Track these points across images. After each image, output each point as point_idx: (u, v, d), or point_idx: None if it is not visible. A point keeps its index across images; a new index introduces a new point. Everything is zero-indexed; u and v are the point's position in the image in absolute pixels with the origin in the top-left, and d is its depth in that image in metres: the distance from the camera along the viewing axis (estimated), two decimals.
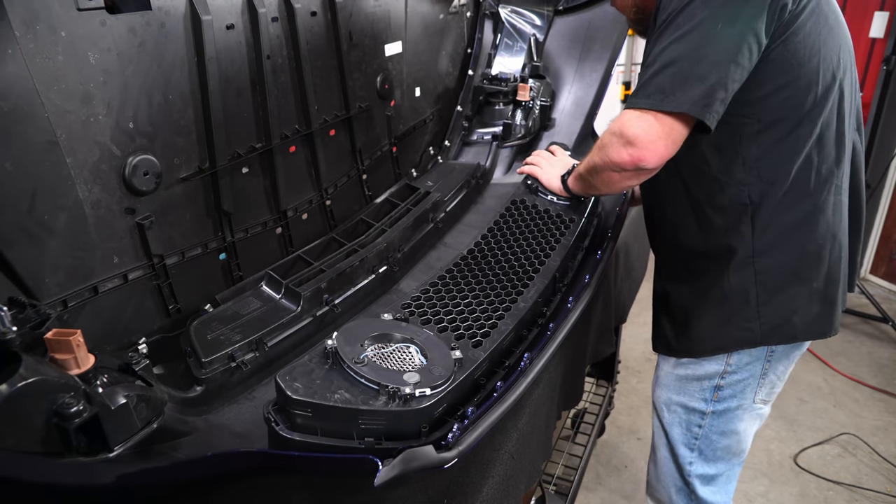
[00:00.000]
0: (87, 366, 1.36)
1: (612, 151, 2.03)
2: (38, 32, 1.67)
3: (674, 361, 2.51)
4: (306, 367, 1.60)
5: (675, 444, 2.59)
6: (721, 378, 2.38)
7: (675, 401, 2.55)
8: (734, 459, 2.58)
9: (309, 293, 2.20)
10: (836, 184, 2.17)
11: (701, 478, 2.58)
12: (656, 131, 1.92)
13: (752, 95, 2.01)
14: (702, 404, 2.46)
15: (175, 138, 2.11)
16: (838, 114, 2.13)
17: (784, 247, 2.17)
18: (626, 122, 1.97)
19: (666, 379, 2.57)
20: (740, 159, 2.11)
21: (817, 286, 2.21)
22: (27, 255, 1.74)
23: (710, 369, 2.39)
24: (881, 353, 5.35)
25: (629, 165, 1.99)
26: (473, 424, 1.51)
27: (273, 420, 1.51)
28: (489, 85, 3.60)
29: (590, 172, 2.30)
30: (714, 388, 2.41)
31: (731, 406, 2.43)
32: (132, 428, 1.40)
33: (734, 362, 2.34)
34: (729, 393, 2.41)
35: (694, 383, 2.46)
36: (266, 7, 2.30)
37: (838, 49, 2.09)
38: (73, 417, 1.22)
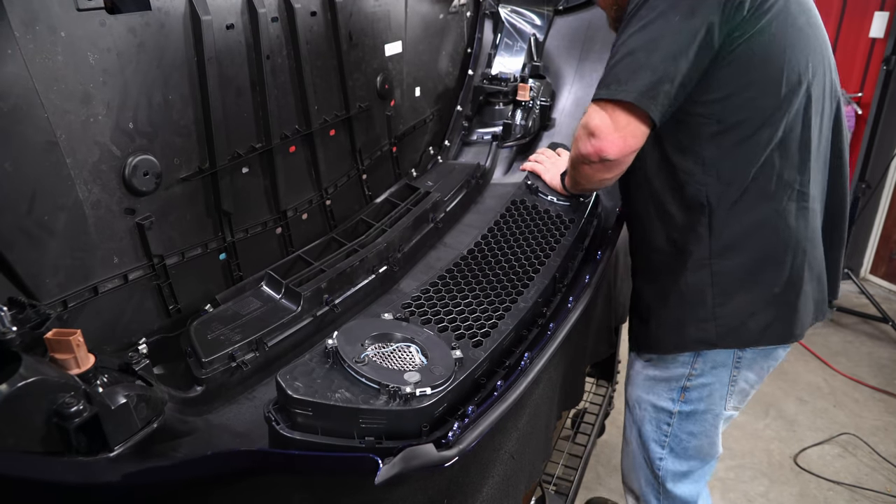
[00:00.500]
0: (87, 365, 1.36)
1: (580, 144, 2.09)
2: (38, 33, 1.67)
3: (643, 362, 2.58)
4: (307, 367, 1.60)
5: (647, 441, 2.64)
6: (687, 380, 2.42)
7: (644, 399, 2.59)
8: (706, 458, 2.62)
9: (309, 293, 2.20)
10: (800, 190, 2.15)
11: (672, 473, 2.63)
12: (612, 123, 1.98)
13: (711, 96, 2.02)
14: (669, 404, 2.50)
15: (175, 138, 2.11)
16: (804, 119, 2.11)
17: (741, 249, 2.18)
18: (589, 114, 2.04)
19: (636, 378, 2.63)
20: (700, 159, 2.12)
21: (777, 291, 2.21)
22: (27, 255, 1.74)
23: (675, 372, 2.43)
24: (881, 353, 5.35)
25: (594, 157, 2.05)
26: (474, 423, 1.51)
27: (274, 419, 1.51)
28: (489, 85, 3.60)
29: (572, 166, 2.35)
30: (681, 388, 2.45)
31: (699, 409, 2.46)
32: (132, 428, 1.40)
33: (699, 366, 2.38)
34: (696, 395, 2.44)
35: (662, 384, 2.50)
36: (266, 7, 2.30)
37: (808, 53, 2.07)
38: (73, 417, 1.22)
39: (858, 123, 6.08)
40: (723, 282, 2.20)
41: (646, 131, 2.00)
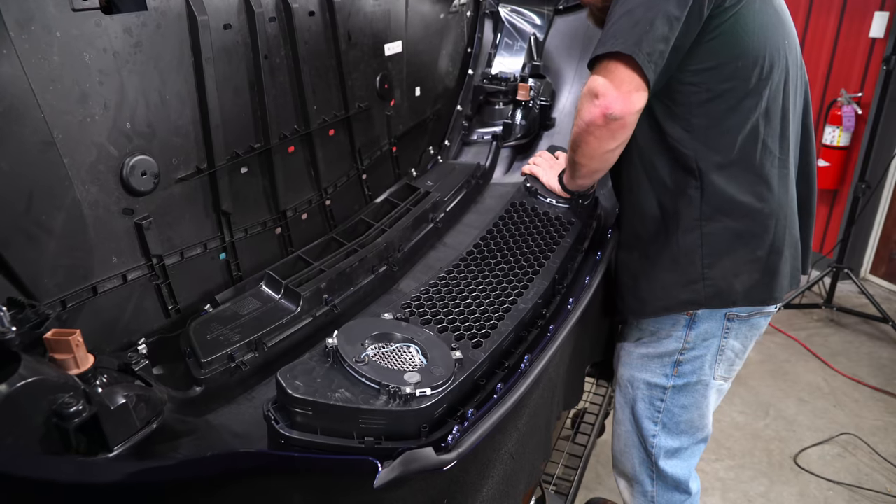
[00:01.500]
0: (86, 366, 1.36)
1: (584, 112, 2.11)
2: (33, 33, 1.67)
3: (635, 340, 2.66)
4: (307, 366, 1.59)
5: (640, 419, 2.70)
6: (680, 354, 2.51)
7: (637, 378, 2.66)
8: (697, 434, 2.70)
9: (308, 293, 2.20)
10: (780, 157, 2.29)
11: (664, 450, 2.69)
12: (612, 82, 2.02)
13: (702, 65, 2.13)
14: (663, 380, 2.58)
15: (173, 138, 2.11)
16: (783, 92, 2.26)
17: (730, 213, 2.25)
18: (589, 81, 2.09)
19: (628, 357, 2.70)
20: (690, 126, 2.21)
21: (761, 254, 2.31)
22: (25, 255, 1.74)
23: (669, 347, 2.51)
24: (881, 353, 5.35)
25: (599, 119, 2.06)
26: (473, 426, 1.50)
27: (273, 418, 1.50)
28: (489, 84, 3.60)
29: (572, 150, 2.33)
30: (674, 363, 2.53)
31: (692, 381, 2.55)
32: (131, 428, 1.39)
33: (692, 339, 2.46)
34: (689, 368, 2.53)
35: (655, 360, 2.58)
36: (263, 7, 2.30)
37: (783, 33, 2.25)
38: (72, 417, 1.22)
39: (858, 123, 6.08)
40: (712, 243, 2.28)
41: (645, 92, 2.05)
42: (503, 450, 1.78)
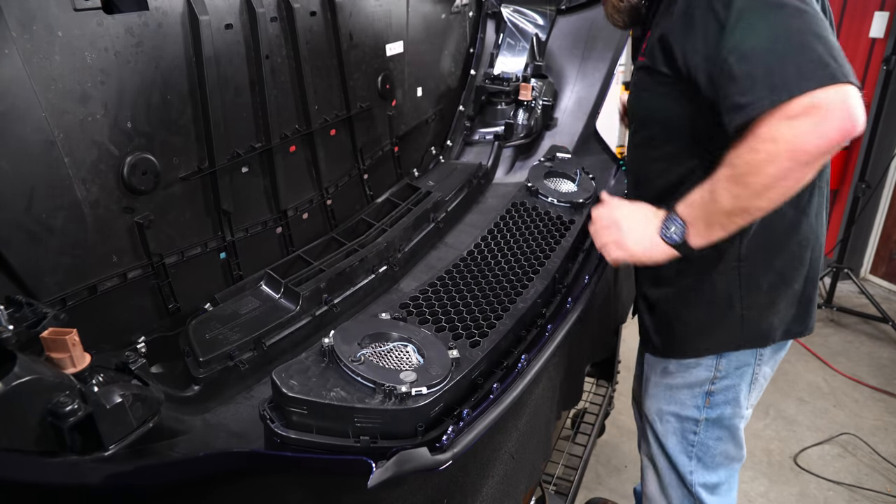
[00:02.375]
0: (82, 365, 1.36)
1: (803, 137, 1.61)
2: (35, 33, 1.68)
3: (661, 370, 2.42)
4: (303, 365, 1.60)
5: (673, 455, 2.49)
6: (711, 384, 2.31)
7: (666, 410, 2.45)
8: (734, 464, 2.53)
9: (308, 293, 2.21)
10: (820, 185, 2.16)
11: (705, 487, 2.49)
12: (847, 96, 1.60)
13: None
14: (694, 412, 2.38)
15: (174, 138, 2.12)
16: None
17: (770, 251, 2.10)
18: (814, 100, 1.59)
19: (655, 389, 2.48)
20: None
21: (798, 287, 2.17)
22: (26, 253, 1.75)
23: (700, 376, 2.31)
24: (881, 353, 5.33)
25: (839, 138, 1.61)
26: (469, 426, 1.51)
27: (269, 417, 1.51)
28: (491, 84, 3.61)
29: (755, 195, 1.74)
30: (705, 394, 2.34)
31: (725, 412, 2.36)
32: (127, 427, 1.40)
33: (723, 368, 2.27)
34: (721, 399, 2.33)
35: (684, 391, 2.37)
36: (265, 7, 2.31)
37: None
38: (67, 416, 1.22)
39: None
40: (751, 284, 2.12)
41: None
42: (502, 449, 1.78)
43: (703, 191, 1.83)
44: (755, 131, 1.66)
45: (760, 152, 1.66)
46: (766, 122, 1.63)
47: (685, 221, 1.90)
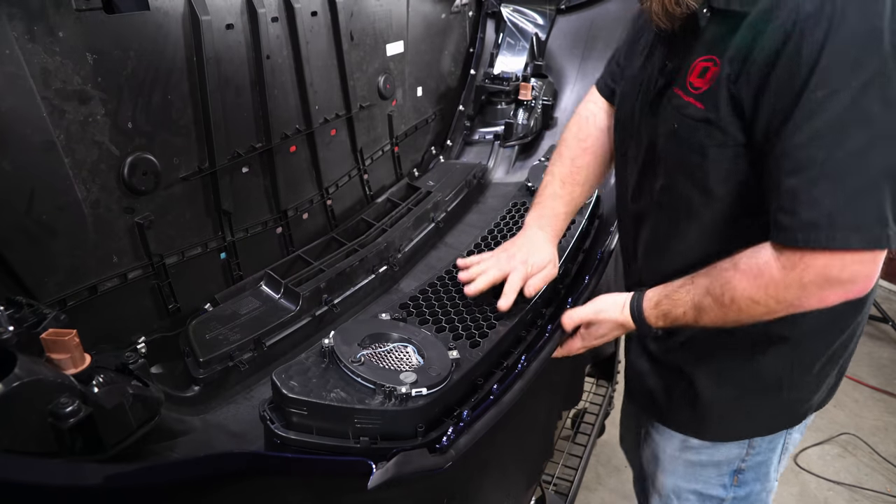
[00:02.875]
0: (82, 365, 1.36)
1: (809, 300, 1.49)
2: (36, 33, 1.68)
3: (680, 445, 2.10)
4: (303, 366, 1.60)
5: None
6: (742, 461, 2.05)
7: (686, 488, 2.17)
8: None
9: (308, 293, 2.21)
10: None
11: None
12: (876, 265, 1.43)
13: None
14: (720, 490, 2.12)
15: (174, 138, 2.12)
16: None
17: (825, 332, 1.83)
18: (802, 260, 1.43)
19: (672, 464, 2.16)
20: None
21: (843, 362, 1.95)
22: (26, 254, 1.75)
23: (729, 454, 2.05)
24: (881, 353, 5.33)
25: (835, 302, 1.49)
26: (469, 427, 1.50)
27: (269, 418, 1.51)
28: (491, 84, 3.61)
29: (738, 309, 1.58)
30: (734, 472, 2.08)
31: (755, 489, 2.11)
32: (128, 428, 1.40)
33: (757, 445, 2.01)
34: (752, 476, 2.08)
35: (710, 469, 2.10)
36: (266, 7, 2.31)
37: None
38: (67, 417, 1.22)
39: None
40: (801, 364, 1.86)
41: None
42: (502, 450, 1.78)
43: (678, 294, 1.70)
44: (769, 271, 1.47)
45: (760, 305, 1.53)
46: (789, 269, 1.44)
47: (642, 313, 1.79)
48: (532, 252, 2.08)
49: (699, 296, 1.64)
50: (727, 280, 1.56)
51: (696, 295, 1.64)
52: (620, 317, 1.85)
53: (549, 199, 2.19)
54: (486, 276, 2.02)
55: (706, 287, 1.62)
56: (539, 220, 2.17)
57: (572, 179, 2.19)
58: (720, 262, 1.61)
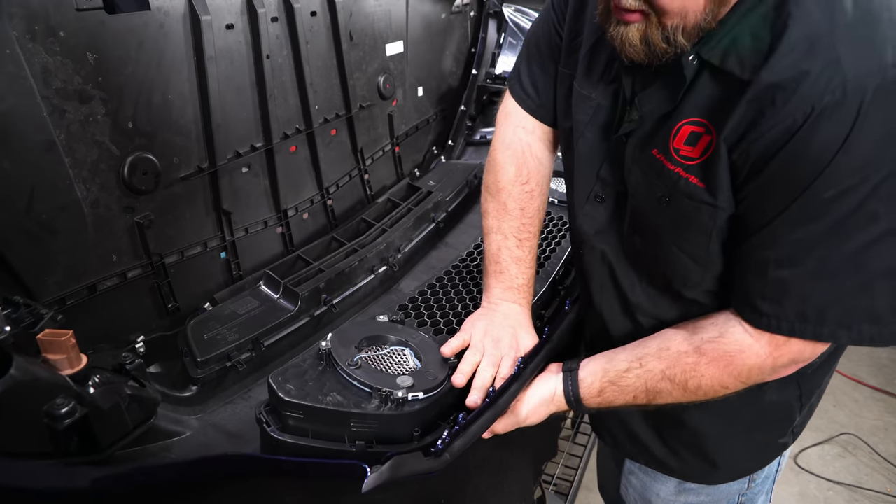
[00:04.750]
0: (79, 366, 1.36)
1: (772, 377, 1.46)
2: (37, 32, 1.68)
3: (675, 488, 1.97)
4: (299, 369, 1.60)
5: None
6: (742, 496, 1.95)
7: None
8: None
9: (307, 293, 2.20)
10: None
11: None
12: (819, 347, 1.39)
13: None
14: None
15: (174, 137, 2.12)
16: None
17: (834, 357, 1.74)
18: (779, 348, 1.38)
19: None
20: None
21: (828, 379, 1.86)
22: (26, 253, 1.76)
23: (731, 490, 1.93)
24: (881, 353, 5.32)
25: (776, 376, 1.47)
26: (464, 430, 1.50)
27: (265, 421, 1.51)
28: (493, 84, 3.61)
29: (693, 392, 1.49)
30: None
31: None
32: (124, 428, 1.40)
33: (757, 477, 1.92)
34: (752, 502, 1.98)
35: None
36: (266, 7, 2.31)
37: None
38: (63, 418, 1.23)
39: None
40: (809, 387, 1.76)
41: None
42: (501, 451, 1.78)
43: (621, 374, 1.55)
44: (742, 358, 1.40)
45: (729, 389, 1.46)
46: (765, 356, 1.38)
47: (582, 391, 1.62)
48: (518, 336, 1.81)
49: (653, 380, 1.51)
50: (692, 367, 1.45)
51: (650, 380, 1.51)
52: (552, 408, 1.68)
53: (511, 264, 1.88)
54: (482, 378, 1.68)
55: (662, 371, 1.49)
56: (510, 293, 1.88)
57: (528, 233, 1.91)
58: (670, 339, 1.51)
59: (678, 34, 1.25)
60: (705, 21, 1.24)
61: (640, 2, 1.25)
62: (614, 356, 1.60)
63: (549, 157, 1.97)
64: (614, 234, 1.66)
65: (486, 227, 1.94)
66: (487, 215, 1.94)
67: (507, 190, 1.90)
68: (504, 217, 1.90)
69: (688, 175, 1.37)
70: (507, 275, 1.88)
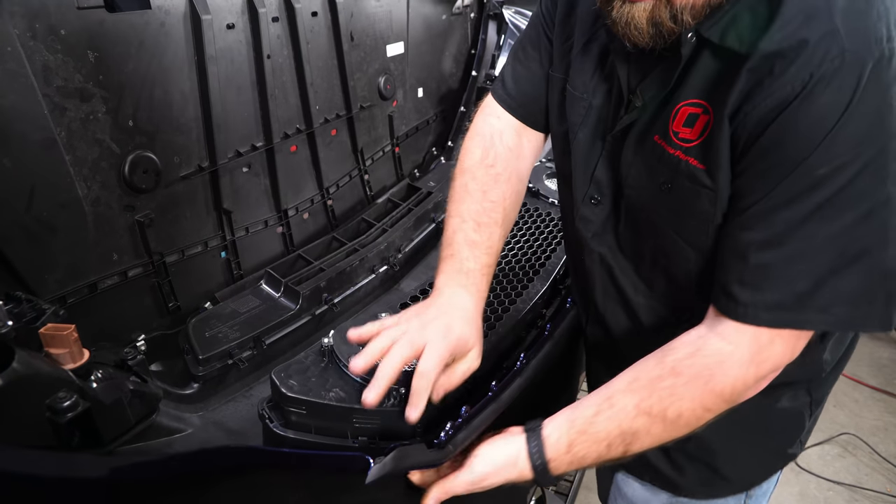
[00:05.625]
0: (81, 360, 1.36)
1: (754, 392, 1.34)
2: (38, 31, 1.68)
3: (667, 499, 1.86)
4: (302, 365, 1.60)
5: None
6: None
7: None
8: None
9: (308, 292, 2.21)
10: None
11: None
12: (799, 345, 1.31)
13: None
14: None
15: (175, 136, 2.12)
16: None
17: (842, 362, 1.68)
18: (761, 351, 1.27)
19: None
20: None
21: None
22: (26, 251, 1.76)
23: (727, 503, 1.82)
24: (881, 353, 5.32)
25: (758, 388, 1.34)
26: (467, 423, 1.50)
27: (267, 417, 1.51)
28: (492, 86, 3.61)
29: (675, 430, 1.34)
30: None
31: None
32: (126, 423, 1.40)
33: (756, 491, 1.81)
34: None
35: None
36: (266, 7, 2.31)
37: None
38: (65, 412, 1.23)
39: None
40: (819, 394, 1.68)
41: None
42: None
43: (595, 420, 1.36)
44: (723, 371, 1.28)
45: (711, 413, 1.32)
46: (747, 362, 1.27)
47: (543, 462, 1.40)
48: (453, 324, 1.50)
49: (628, 419, 1.32)
50: (669, 392, 1.30)
51: (624, 420, 1.33)
52: (514, 475, 1.42)
53: (464, 247, 1.65)
54: (391, 359, 1.41)
55: (636, 406, 1.32)
56: (457, 276, 1.62)
57: (489, 219, 1.69)
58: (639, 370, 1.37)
59: (685, 13, 1.20)
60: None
61: None
62: (580, 403, 1.42)
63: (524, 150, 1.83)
64: (611, 234, 1.59)
65: (447, 213, 1.75)
66: (449, 199, 1.77)
67: (470, 171, 1.77)
68: (464, 199, 1.72)
69: (687, 157, 1.31)
70: (458, 258, 1.64)
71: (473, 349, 1.55)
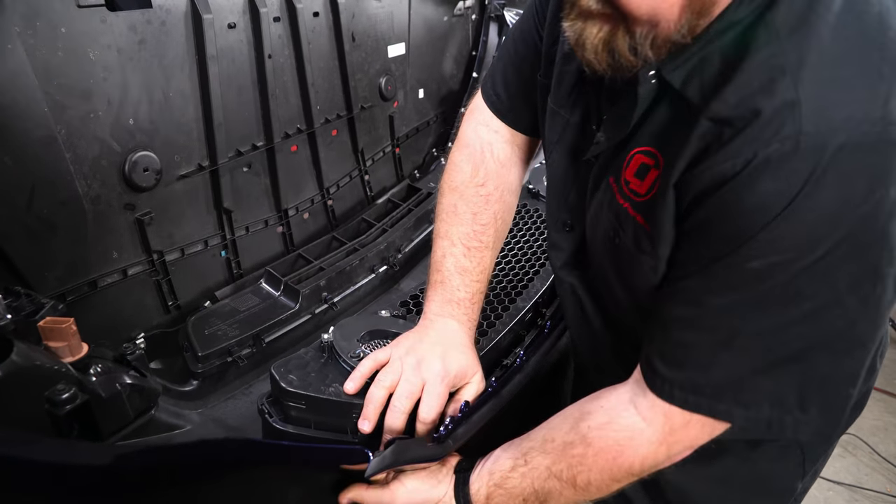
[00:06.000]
0: (79, 354, 1.36)
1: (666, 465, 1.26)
2: (39, 29, 1.69)
3: None
4: (302, 360, 1.59)
5: None
6: None
7: None
8: None
9: (308, 291, 2.21)
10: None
11: None
12: (716, 431, 1.20)
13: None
14: None
15: (176, 135, 2.13)
16: None
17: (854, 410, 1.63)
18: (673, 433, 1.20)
19: None
20: None
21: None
22: (26, 249, 1.76)
23: None
24: None
25: (670, 462, 1.26)
26: (467, 418, 1.50)
27: (267, 411, 1.51)
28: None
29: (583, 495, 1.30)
30: None
31: None
32: (125, 418, 1.40)
33: None
34: None
35: None
36: (268, 7, 2.31)
37: None
38: (64, 404, 1.23)
39: None
40: (815, 453, 1.58)
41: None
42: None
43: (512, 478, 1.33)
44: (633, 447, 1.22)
45: (620, 483, 1.27)
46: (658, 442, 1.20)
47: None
48: (448, 358, 1.50)
49: (540, 480, 1.29)
50: (578, 461, 1.26)
51: (537, 479, 1.30)
52: None
53: (454, 274, 1.62)
54: (394, 418, 1.43)
55: (548, 468, 1.29)
56: (447, 307, 1.61)
57: (478, 242, 1.64)
58: (555, 429, 1.33)
59: (646, 46, 1.02)
60: (679, 34, 1.00)
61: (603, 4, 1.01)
62: (501, 453, 1.39)
63: (515, 161, 1.75)
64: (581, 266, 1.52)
65: (434, 232, 1.69)
66: (437, 218, 1.70)
67: (459, 191, 1.67)
68: (454, 221, 1.65)
69: (635, 213, 1.20)
70: (448, 286, 1.61)
71: (475, 375, 1.55)
